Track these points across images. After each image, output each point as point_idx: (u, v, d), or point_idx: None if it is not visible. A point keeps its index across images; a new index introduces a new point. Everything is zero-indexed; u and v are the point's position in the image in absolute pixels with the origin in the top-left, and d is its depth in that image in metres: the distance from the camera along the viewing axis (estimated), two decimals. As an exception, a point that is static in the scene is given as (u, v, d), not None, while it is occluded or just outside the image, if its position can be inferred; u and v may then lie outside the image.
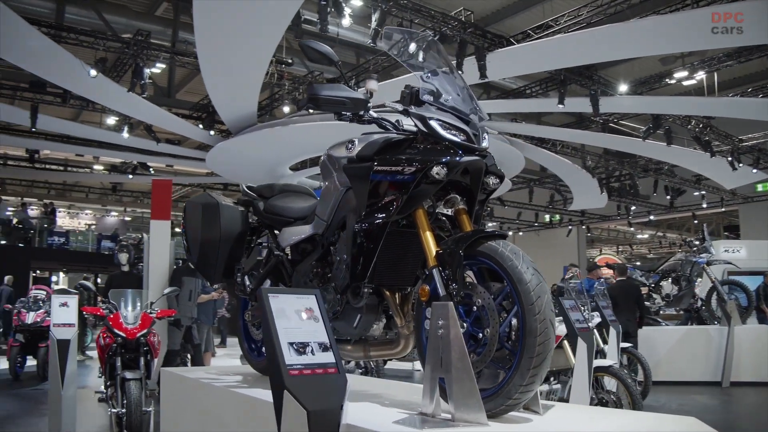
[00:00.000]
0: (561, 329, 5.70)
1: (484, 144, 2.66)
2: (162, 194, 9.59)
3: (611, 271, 14.40)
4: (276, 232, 3.54)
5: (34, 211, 22.08)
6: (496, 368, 2.41)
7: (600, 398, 5.66)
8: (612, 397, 5.68)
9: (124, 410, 5.32)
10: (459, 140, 2.57)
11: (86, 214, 27.81)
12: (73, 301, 5.62)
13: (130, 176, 20.35)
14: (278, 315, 2.20)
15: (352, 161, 2.82)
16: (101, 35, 12.16)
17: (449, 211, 2.75)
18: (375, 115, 2.78)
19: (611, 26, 10.47)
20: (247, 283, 3.63)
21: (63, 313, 5.49)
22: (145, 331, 6.00)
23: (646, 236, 36.21)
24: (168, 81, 16.52)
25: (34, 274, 20.77)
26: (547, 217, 28.32)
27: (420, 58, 2.91)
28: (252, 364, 3.87)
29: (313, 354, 2.17)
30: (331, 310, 2.95)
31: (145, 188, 24.56)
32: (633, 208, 25.06)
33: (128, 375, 5.53)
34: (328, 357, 2.19)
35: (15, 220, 19.98)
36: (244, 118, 14.76)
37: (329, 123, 14.54)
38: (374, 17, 11.09)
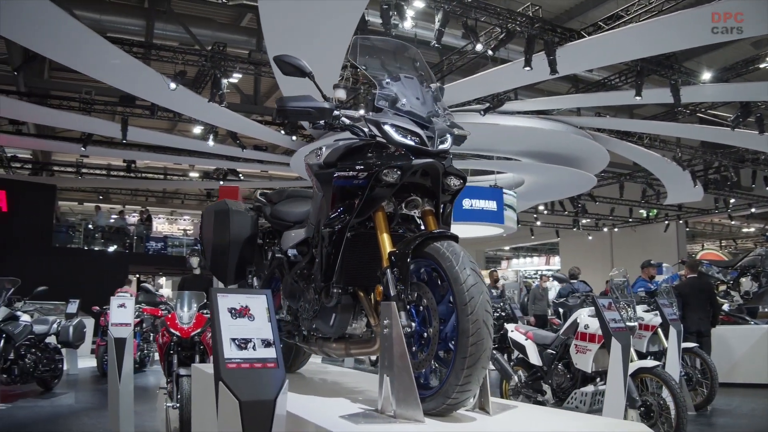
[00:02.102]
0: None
1: (443, 146, 2.71)
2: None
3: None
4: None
5: (132, 219, 23.46)
6: (444, 367, 2.47)
7: (644, 401, 5.49)
8: (655, 399, 5.50)
9: (178, 405, 5.65)
10: (412, 144, 2.63)
11: (184, 220, 29.28)
12: (130, 302, 6.01)
13: (221, 182, 21.26)
14: (224, 313, 2.36)
15: (321, 168, 2.95)
16: (179, 49, 12.77)
17: (417, 213, 2.82)
18: (347, 122, 2.88)
19: (682, 13, 10.05)
20: (255, 284, 3.82)
21: (120, 314, 5.87)
22: (199, 330, 6.31)
23: (752, 230, 34.19)
24: (254, 89, 17.14)
25: (137, 277, 22.11)
26: (643, 213, 27.24)
27: (389, 65, 2.98)
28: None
29: (255, 349, 2.31)
30: (311, 309, 3.08)
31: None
32: (732, 201, 23.77)
33: (182, 371, 5.83)
34: (270, 353, 2.32)
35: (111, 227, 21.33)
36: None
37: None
38: (437, 18, 11.16)
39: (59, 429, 6.34)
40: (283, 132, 16.43)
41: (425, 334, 2.48)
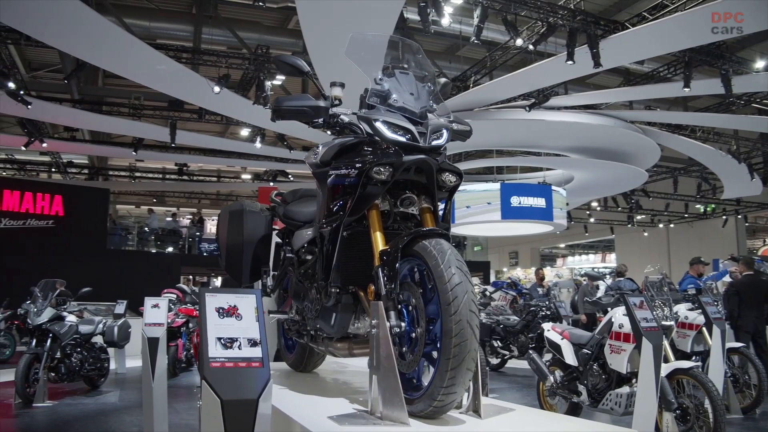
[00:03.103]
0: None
1: (437, 142, 2.66)
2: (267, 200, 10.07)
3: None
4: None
5: (185, 221, 23.94)
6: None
7: (680, 403, 5.30)
8: (692, 402, 5.29)
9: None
10: (403, 140, 2.59)
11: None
12: (163, 302, 6.11)
13: (271, 183, 21.52)
14: (211, 312, 2.37)
15: (318, 166, 2.93)
16: (223, 53, 12.96)
17: (414, 210, 2.78)
18: (346, 119, 2.85)
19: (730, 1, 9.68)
20: (269, 284, 3.83)
21: (154, 314, 5.97)
22: (233, 329, 6.36)
23: (819, 225, 32.80)
24: (301, 90, 17.26)
25: (191, 279, 22.54)
26: (700, 208, 26.41)
27: (386, 61, 2.95)
28: (284, 359, 4.08)
29: (240, 348, 2.31)
30: (313, 309, 3.07)
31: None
32: (793, 194, 22.85)
33: (215, 371, 5.92)
34: (255, 352, 2.32)
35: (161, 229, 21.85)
36: (367, 122, 15.14)
37: (450, 123, 14.63)
38: (476, 13, 11.05)
39: (98, 426, 6.50)
40: (329, 132, 16.48)
41: (413, 334, 2.44)
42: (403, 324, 2.44)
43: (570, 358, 6.34)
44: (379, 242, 2.58)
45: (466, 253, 30.14)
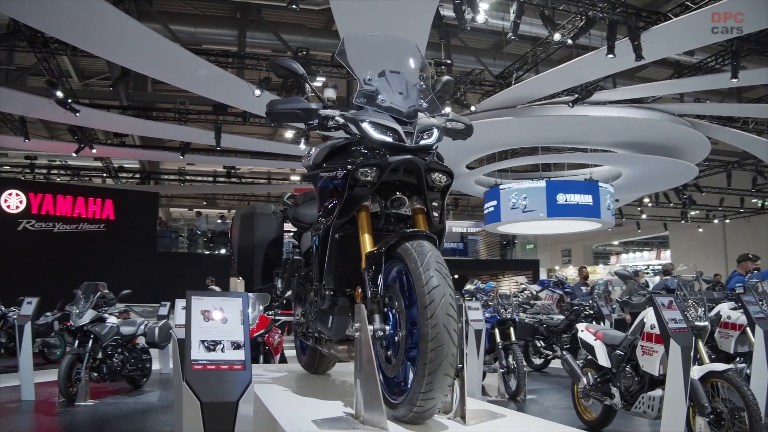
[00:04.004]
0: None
1: (425, 141, 2.62)
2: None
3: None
4: None
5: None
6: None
7: (714, 407, 5.09)
8: (727, 406, 5.08)
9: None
10: (390, 140, 2.56)
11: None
12: (194, 304, 6.20)
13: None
14: (197, 315, 2.39)
15: (311, 169, 2.93)
16: (263, 56, 13.12)
17: (407, 211, 2.75)
18: (341, 120, 2.83)
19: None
20: (280, 286, 3.84)
21: (184, 315, 6.07)
22: (262, 331, 6.44)
23: None
24: (346, 91, 17.35)
25: (240, 280, 22.93)
26: (757, 202, 25.50)
27: (379, 61, 2.92)
28: (299, 361, 4.10)
29: (223, 351, 2.33)
30: (312, 311, 3.07)
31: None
32: None
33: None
34: (238, 355, 2.34)
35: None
36: (413, 122, 15.12)
37: (492, 121, 14.54)
38: (512, 9, 10.90)
39: (134, 425, 6.65)
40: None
41: (397, 338, 2.41)
42: (387, 327, 2.41)
43: (603, 359, 6.18)
44: (367, 244, 2.56)
45: (516, 252, 29.83)
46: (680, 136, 15.66)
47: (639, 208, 26.47)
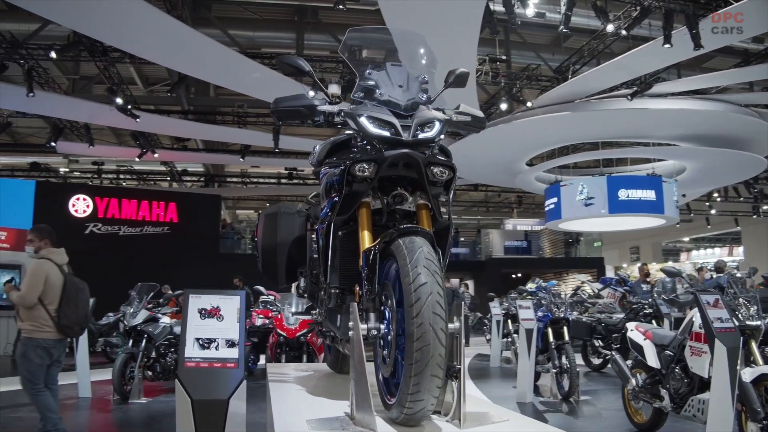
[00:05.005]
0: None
1: (424, 135, 2.55)
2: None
3: None
4: None
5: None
6: None
7: (766, 413, 4.82)
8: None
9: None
10: (387, 134, 2.51)
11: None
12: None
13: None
14: (193, 313, 2.40)
15: (315, 166, 2.91)
16: (317, 57, 13.23)
17: (411, 207, 2.70)
18: (341, 116, 2.81)
19: None
20: (302, 285, 3.84)
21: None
22: (305, 331, 6.48)
23: None
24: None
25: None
26: None
27: (382, 55, 2.88)
28: (325, 360, 4.09)
29: (217, 349, 2.33)
30: (322, 310, 3.05)
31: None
32: None
33: (285, 370, 6.06)
34: (232, 353, 2.34)
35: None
36: (469, 120, 14.98)
37: (550, 116, 14.27)
38: (563, 2, 10.67)
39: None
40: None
41: (390, 336, 2.36)
42: (382, 327, 2.37)
43: (652, 359, 5.96)
44: (365, 241, 2.52)
45: (580, 250, 29.19)
46: (747, 127, 14.97)
47: (707, 203, 25.48)
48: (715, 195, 24.12)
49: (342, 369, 3.88)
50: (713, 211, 26.67)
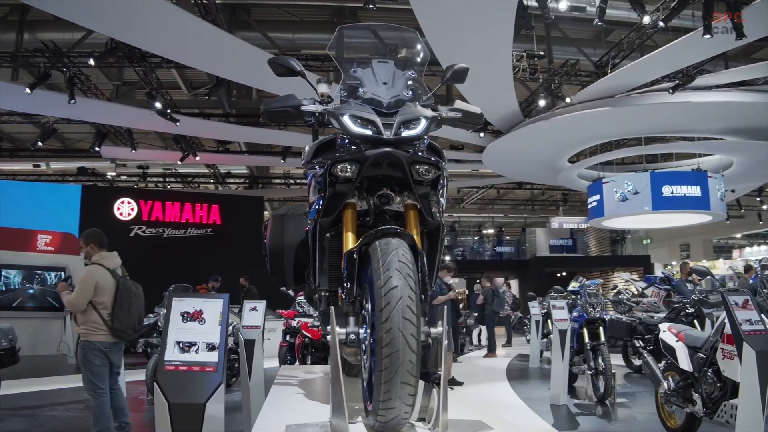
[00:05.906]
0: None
1: (408, 133, 2.49)
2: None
3: None
4: None
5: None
6: None
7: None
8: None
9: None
10: (369, 133, 2.47)
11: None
12: (261, 306, 6.30)
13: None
14: (176, 316, 2.40)
15: (304, 167, 2.89)
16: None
17: (400, 207, 2.65)
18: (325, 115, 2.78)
19: None
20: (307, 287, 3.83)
21: (251, 317, 6.17)
22: (327, 332, 6.47)
23: None
24: (446, 90, 17.19)
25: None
26: None
27: (371, 52, 2.84)
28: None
29: (197, 353, 2.33)
30: (318, 313, 3.03)
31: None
32: None
33: (313, 372, 6.06)
34: (211, 357, 2.33)
35: None
36: (509, 117, 14.87)
37: (590, 112, 14.00)
38: (598, -6, 10.46)
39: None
40: (469, 130, 16.32)
41: (368, 341, 2.31)
42: (361, 331, 2.32)
43: (684, 362, 5.74)
44: (349, 243, 2.48)
45: (626, 247, 28.59)
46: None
47: (758, 198, 24.65)
48: (767, 190, 23.33)
49: (350, 372, 3.85)
50: (765, 207, 25.81)
